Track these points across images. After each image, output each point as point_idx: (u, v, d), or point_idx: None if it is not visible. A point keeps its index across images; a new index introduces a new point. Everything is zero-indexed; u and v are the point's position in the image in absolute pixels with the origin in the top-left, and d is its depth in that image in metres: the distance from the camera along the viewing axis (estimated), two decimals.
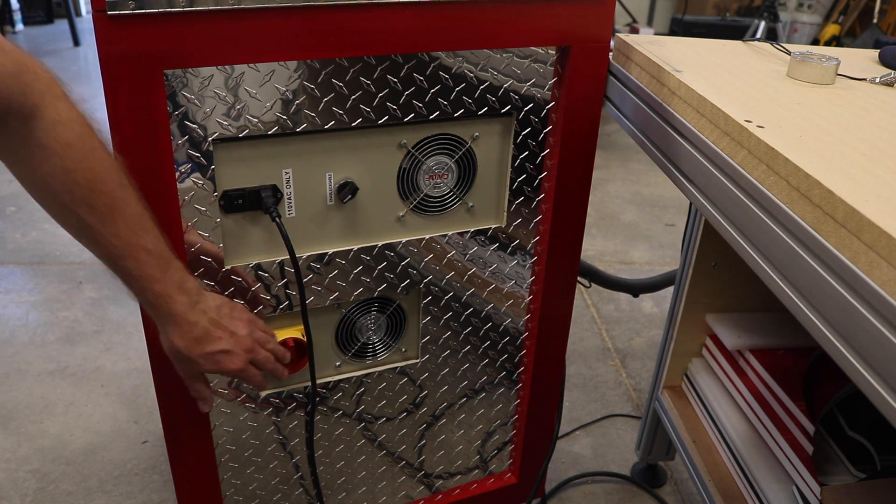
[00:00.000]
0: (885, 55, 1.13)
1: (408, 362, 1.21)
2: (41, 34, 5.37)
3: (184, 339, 0.86)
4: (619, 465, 1.73)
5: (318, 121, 0.94)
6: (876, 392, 0.56)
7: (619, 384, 2.01)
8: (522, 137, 1.08)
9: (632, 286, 1.96)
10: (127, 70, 0.80)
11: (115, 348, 2.04)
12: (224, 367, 0.90)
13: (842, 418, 1.20)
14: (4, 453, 1.68)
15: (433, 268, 1.13)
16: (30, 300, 2.25)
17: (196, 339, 0.87)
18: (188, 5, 0.79)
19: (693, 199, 0.88)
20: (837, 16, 5.19)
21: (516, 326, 1.25)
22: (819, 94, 0.94)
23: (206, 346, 0.88)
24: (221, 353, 0.89)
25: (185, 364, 0.90)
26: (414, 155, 1.04)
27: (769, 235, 0.71)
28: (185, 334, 0.86)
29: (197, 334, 0.87)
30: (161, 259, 0.82)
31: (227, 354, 0.90)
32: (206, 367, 0.90)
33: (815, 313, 0.64)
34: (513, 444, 1.41)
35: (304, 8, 0.85)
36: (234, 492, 1.18)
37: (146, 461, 1.67)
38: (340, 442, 1.23)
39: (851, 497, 1.03)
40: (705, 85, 0.91)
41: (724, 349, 1.35)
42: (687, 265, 1.36)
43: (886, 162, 0.72)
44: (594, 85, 1.07)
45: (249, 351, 0.92)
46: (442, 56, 0.96)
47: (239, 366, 0.91)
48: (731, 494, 1.23)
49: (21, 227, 2.68)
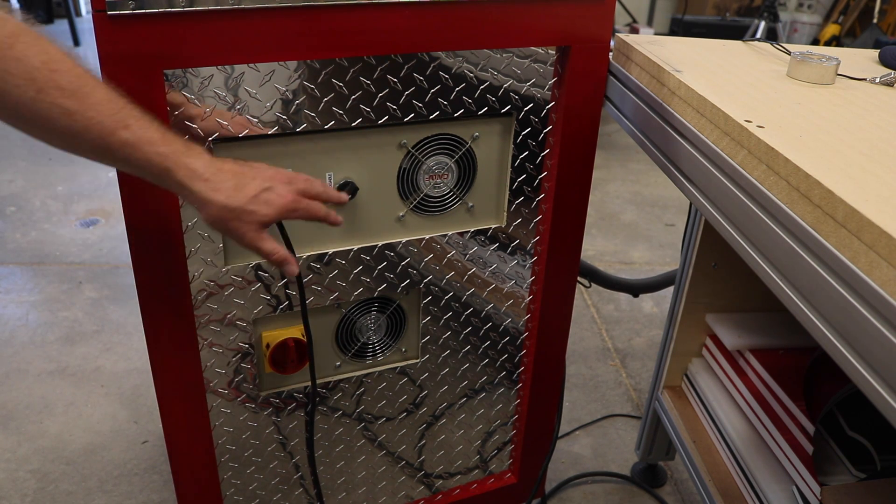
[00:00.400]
0: (885, 55, 1.13)
1: (408, 362, 1.21)
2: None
3: (221, 192, 0.78)
4: (619, 465, 1.73)
5: (318, 121, 0.94)
6: (876, 392, 0.56)
7: (619, 384, 2.01)
8: (522, 137, 1.08)
9: (632, 286, 1.96)
10: (127, 70, 0.80)
11: (115, 348, 2.04)
12: (276, 205, 0.82)
13: (842, 418, 1.20)
14: (4, 453, 1.68)
15: (433, 268, 1.13)
16: (30, 300, 2.25)
17: (234, 188, 0.79)
18: (188, 5, 0.79)
19: (693, 199, 0.88)
20: (837, 16, 5.19)
21: (516, 326, 1.25)
22: (819, 94, 0.94)
23: (247, 189, 0.80)
24: (265, 191, 0.81)
25: (240, 224, 0.81)
26: (414, 155, 1.04)
27: (769, 235, 0.71)
28: (220, 186, 0.78)
29: (231, 183, 0.79)
30: (153, 123, 0.75)
31: (271, 191, 0.82)
32: (260, 212, 0.81)
33: (815, 313, 0.64)
34: (513, 444, 1.41)
35: (304, 8, 0.85)
36: (234, 492, 1.18)
37: (146, 461, 1.67)
38: (340, 442, 1.23)
39: (851, 497, 1.03)
40: (705, 85, 0.91)
41: (724, 349, 1.35)
42: (687, 265, 1.36)
43: (886, 162, 0.72)
44: (594, 85, 1.07)
45: (290, 181, 0.85)
46: (442, 56, 0.96)
47: (290, 197, 0.83)
48: (731, 494, 1.23)
49: (21, 227, 2.68)
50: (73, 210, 2.82)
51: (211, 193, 0.78)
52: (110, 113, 0.71)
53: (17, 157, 3.26)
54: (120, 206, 0.88)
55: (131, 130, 0.72)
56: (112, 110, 0.72)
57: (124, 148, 0.73)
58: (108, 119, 0.71)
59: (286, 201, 0.83)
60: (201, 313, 1.00)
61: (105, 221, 2.75)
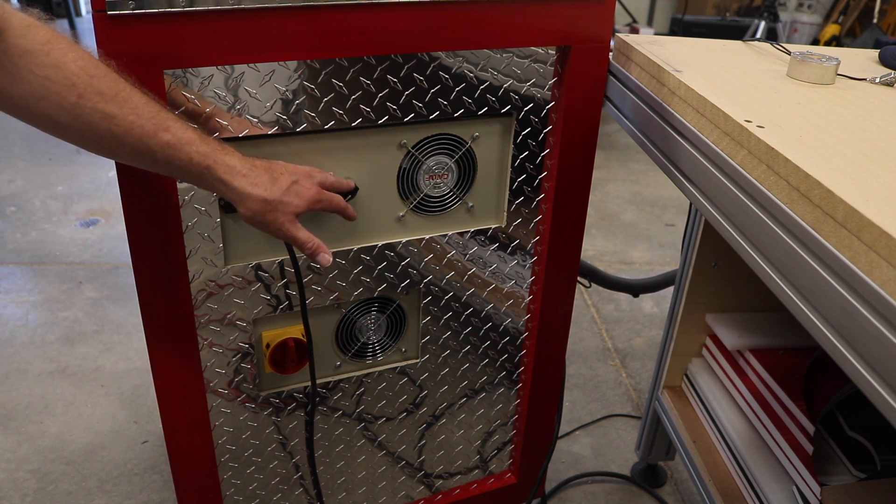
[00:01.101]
0: (885, 55, 1.13)
1: (408, 362, 1.21)
2: None
3: (259, 186, 0.82)
4: (619, 465, 1.73)
5: (318, 121, 0.94)
6: (876, 392, 0.56)
7: (619, 384, 2.01)
8: (522, 137, 1.08)
9: (632, 286, 1.96)
10: (127, 70, 0.80)
11: (115, 348, 2.04)
12: (306, 196, 0.87)
13: (842, 418, 1.20)
14: (4, 453, 1.68)
15: (433, 268, 1.13)
16: (30, 300, 2.25)
17: (269, 181, 0.83)
18: (188, 5, 0.79)
19: (693, 199, 0.88)
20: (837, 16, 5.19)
21: (516, 326, 1.25)
22: (819, 94, 0.94)
23: (280, 181, 0.84)
24: (294, 184, 0.86)
25: (277, 215, 0.84)
26: (414, 155, 1.04)
27: (769, 235, 0.71)
28: (258, 180, 0.82)
29: (266, 177, 0.83)
30: (189, 125, 0.78)
31: (299, 184, 0.86)
32: (293, 203, 0.85)
33: (815, 313, 0.64)
34: (513, 444, 1.41)
35: (304, 8, 0.85)
36: (234, 492, 1.18)
37: (146, 461, 1.67)
38: (340, 442, 1.23)
39: (851, 497, 1.03)
40: (705, 85, 0.90)
41: (724, 349, 1.35)
42: (687, 265, 1.36)
43: (886, 162, 0.72)
44: (594, 85, 1.07)
45: (310, 175, 0.89)
46: (442, 56, 0.96)
47: (315, 189, 0.88)
48: (731, 494, 1.23)
49: (21, 227, 2.68)
50: (73, 210, 2.82)
51: (250, 188, 0.81)
52: (149, 116, 0.74)
53: (17, 157, 3.26)
54: (120, 206, 0.88)
55: (171, 132, 0.75)
56: (151, 113, 0.74)
57: (166, 149, 0.75)
58: (148, 122, 0.74)
59: (312, 193, 0.88)
60: (201, 313, 1.00)
61: (105, 221, 2.75)
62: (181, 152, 0.76)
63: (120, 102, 0.72)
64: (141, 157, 0.76)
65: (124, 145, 0.74)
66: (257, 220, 0.85)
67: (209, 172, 0.79)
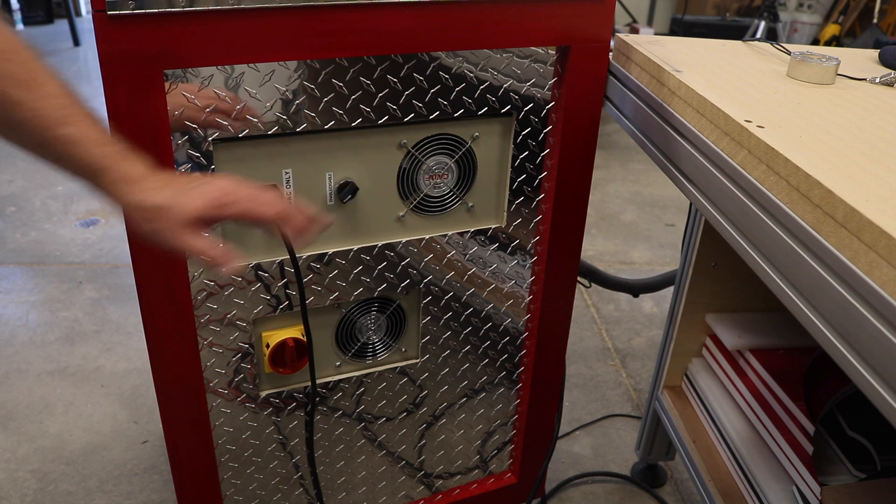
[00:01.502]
0: (885, 55, 1.13)
1: (408, 362, 1.21)
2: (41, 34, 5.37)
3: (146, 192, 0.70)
4: (619, 465, 1.73)
5: (318, 121, 0.94)
6: (876, 392, 0.56)
7: (619, 384, 2.01)
8: (522, 137, 1.08)
9: (632, 286, 1.96)
10: (127, 70, 0.80)
11: (115, 348, 2.04)
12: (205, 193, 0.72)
13: (842, 418, 1.20)
14: (4, 453, 1.68)
15: (433, 268, 1.13)
16: (30, 300, 2.25)
17: (157, 188, 0.71)
18: (188, 5, 0.79)
19: (693, 199, 0.88)
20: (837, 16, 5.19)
21: (516, 326, 1.25)
22: (819, 94, 0.94)
23: (174, 185, 0.72)
24: (199, 185, 0.73)
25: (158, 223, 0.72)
26: (414, 155, 1.04)
27: (769, 235, 0.71)
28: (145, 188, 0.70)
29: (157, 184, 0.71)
30: (98, 125, 0.70)
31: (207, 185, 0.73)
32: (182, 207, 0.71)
33: (815, 313, 0.64)
34: (513, 444, 1.41)
35: (304, 8, 0.85)
36: (234, 492, 1.18)
37: (146, 461, 1.67)
38: (340, 442, 1.23)
39: (851, 497, 1.03)
40: (705, 85, 0.90)
41: (724, 349, 1.35)
42: (687, 265, 1.36)
43: (886, 162, 0.72)
44: (594, 85, 1.07)
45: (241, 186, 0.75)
46: (442, 56, 0.96)
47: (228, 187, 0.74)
48: (731, 494, 1.23)
49: (21, 227, 2.68)
50: (73, 210, 2.82)
51: (127, 196, 0.70)
52: (61, 104, 0.68)
53: (17, 157, 3.26)
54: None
55: (75, 127, 0.68)
56: (63, 102, 0.68)
57: (65, 144, 0.68)
58: (59, 109, 0.67)
59: (216, 188, 0.73)
60: (201, 313, 1.00)
61: (105, 221, 2.75)
62: (79, 149, 0.68)
63: (32, 88, 0.66)
64: (44, 151, 0.69)
65: (26, 136, 0.67)
66: (143, 232, 0.73)
67: (100, 176, 0.70)
